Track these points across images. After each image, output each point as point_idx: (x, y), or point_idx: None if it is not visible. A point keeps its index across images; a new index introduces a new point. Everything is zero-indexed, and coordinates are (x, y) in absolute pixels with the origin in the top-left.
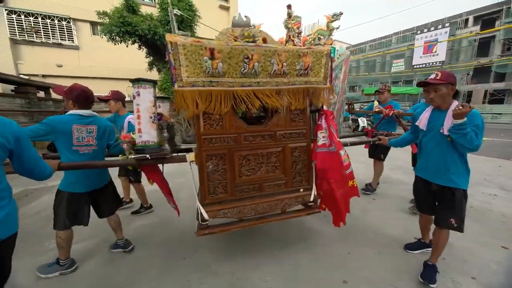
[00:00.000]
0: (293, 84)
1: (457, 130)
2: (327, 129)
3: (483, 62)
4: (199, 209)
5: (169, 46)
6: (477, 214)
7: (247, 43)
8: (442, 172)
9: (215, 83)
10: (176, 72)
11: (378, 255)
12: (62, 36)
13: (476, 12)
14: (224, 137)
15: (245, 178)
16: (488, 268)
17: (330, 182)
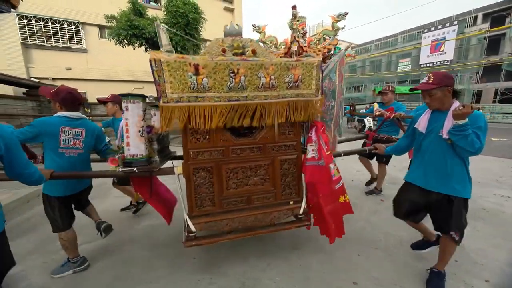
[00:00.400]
0: (283, 97)
1: (458, 132)
2: (316, 142)
3: (493, 60)
4: (187, 221)
5: (152, 64)
6: (489, 215)
7: (233, 58)
8: (443, 180)
9: (201, 98)
10: (161, 89)
11: (388, 256)
12: (71, 40)
13: (485, 10)
14: (211, 150)
15: (232, 191)
16: (501, 271)
17: (318, 196)
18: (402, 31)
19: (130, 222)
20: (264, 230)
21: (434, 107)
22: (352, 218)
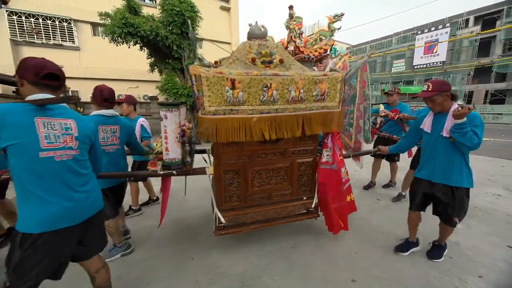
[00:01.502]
0: (310, 109)
1: (457, 130)
2: (331, 148)
3: (483, 62)
4: (217, 214)
5: (193, 78)
6: (482, 214)
7: (266, 73)
8: (447, 173)
9: (235, 111)
10: (199, 102)
11: (386, 254)
12: (63, 37)
13: (476, 12)
14: (241, 155)
15: (256, 189)
16: (494, 267)
17: (327, 196)
18: (397, 33)
19: (130, 223)
20: (280, 221)
21: (436, 110)
22: (350, 217)
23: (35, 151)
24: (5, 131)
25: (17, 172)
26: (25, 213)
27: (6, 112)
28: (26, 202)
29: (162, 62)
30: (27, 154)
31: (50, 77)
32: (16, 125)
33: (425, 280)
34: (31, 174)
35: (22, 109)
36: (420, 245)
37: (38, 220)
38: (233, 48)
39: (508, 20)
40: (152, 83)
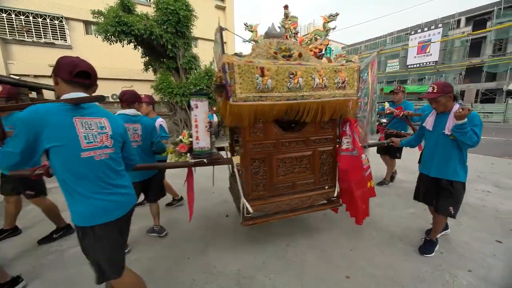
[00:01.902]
0: (333, 96)
1: (459, 129)
2: (351, 135)
3: (474, 62)
4: (245, 204)
5: (226, 66)
6: (472, 210)
7: (290, 62)
8: (445, 168)
9: (264, 98)
10: (231, 89)
11: (380, 252)
12: (54, 36)
13: (468, 13)
14: (266, 143)
15: (281, 178)
16: (483, 262)
17: (350, 182)
18: (391, 33)
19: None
20: (303, 211)
21: (439, 110)
22: (345, 214)
23: (77, 151)
24: (47, 132)
25: (60, 172)
26: (74, 209)
27: (47, 112)
28: (72, 199)
29: (156, 61)
30: (70, 155)
31: (82, 75)
32: (57, 126)
33: (417, 275)
34: (73, 174)
35: (60, 109)
36: (449, 230)
37: (86, 215)
38: (228, 47)
39: (498, 21)
40: (147, 83)
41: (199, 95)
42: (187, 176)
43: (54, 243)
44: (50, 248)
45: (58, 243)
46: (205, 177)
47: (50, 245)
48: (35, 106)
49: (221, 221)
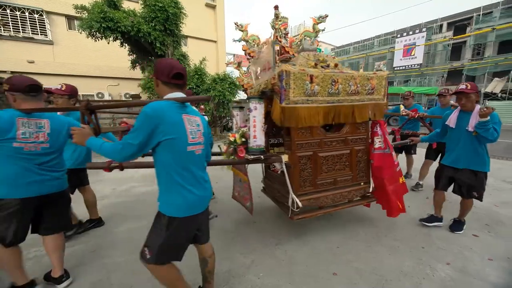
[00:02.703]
0: (362, 101)
1: (482, 126)
2: (382, 135)
3: (455, 65)
4: (295, 199)
5: (283, 74)
6: (452, 206)
7: (334, 71)
8: (471, 160)
9: (310, 101)
10: (285, 93)
11: (367, 247)
12: (34, 30)
13: (449, 19)
14: (311, 142)
15: (324, 175)
16: (461, 254)
17: (383, 178)
18: (378, 35)
19: (108, 226)
20: (345, 206)
21: (466, 107)
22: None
23: (184, 145)
24: (163, 127)
25: (167, 164)
26: (171, 200)
27: (165, 109)
28: (171, 190)
29: (144, 59)
30: (179, 148)
31: (177, 76)
32: (171, 121)
33: (400, 269)
34: (179, 166)
35: (172, 107)
36: (443, 222)
37: (182, 206)
38: (219, 47)
39: (477, 27)
40: (134, 81)
41: (257, 99)
42: (243, 173)
43: (32, 250)
44: (28, 254)
45: (37, 248)
46: None
47: (29, 251)
48: (155, 103)
49: (210, 222)
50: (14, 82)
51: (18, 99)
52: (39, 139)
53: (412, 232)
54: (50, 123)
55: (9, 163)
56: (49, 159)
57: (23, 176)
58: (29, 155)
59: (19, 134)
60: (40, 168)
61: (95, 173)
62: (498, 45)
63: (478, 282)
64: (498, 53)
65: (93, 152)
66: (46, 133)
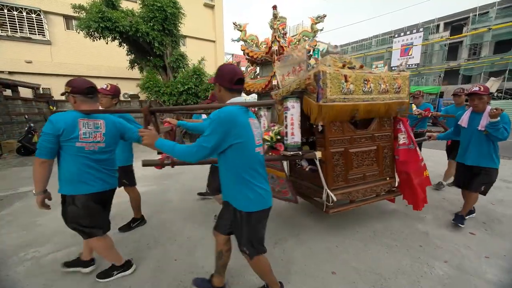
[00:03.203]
0: (391, 99)
1: (493, 126)
2: (405, 132)
3: (452, 65)
4: (329, 194)
5: (321, 74)
6: (449, 205)
7: (364, 71)
8: (480, 157)
9: (346, 99)
10: (323, 92)
11: (364, 246)
12: (32, 30)
13: (446, 19)
14: (343, 139)
15: (355, 170)
16: (458, 252)
17: (409, 172)
18: (376, 35)
19: None
20: (373, 200)
21: (479, 107)
22: None
23: (252, 147)
24: (235, 131)
25: (236, 164)
26: (244, 197)
27: (236, 114)
28: (243, 188)
29: (143, 59)
30: (248, 150)
31: (240, 82)
32: (242, 125)
33: (397, 268)
34: (248, 167)
35: (241, 112)
36: (475, 214)
37: (259, 201)
38: (217, 46)
39: (473, 27)
40: (133, 81)
41: (295, 98)
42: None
43: (30, 251)
44: (26, 255)
45: (35, 249)
46: (190, 178)
47: (27, 252)
48: (227, 108)
49: (208, 221)
50: (74, 85)
51: (78, 100)
52: (96, 138)
53: (410, 231)
54: (105, 123)
55: (73, 161)
56: (106, 158)
57: (85, 173)
58: (89, 154)
59: (81, 134)
60: (99, 165)
61: None
62: (494, 45)
63: (475, 280)
64: (494, 53)
65: None
66: (102, 133)
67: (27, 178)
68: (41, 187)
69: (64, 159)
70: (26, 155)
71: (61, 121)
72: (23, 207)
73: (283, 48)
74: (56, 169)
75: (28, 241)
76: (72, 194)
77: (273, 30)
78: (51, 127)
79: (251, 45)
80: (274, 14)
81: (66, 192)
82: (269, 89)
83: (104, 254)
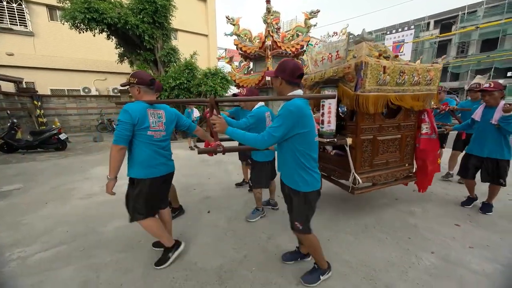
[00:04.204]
0: (421, 91)
1: (505, 120)
2: (429, 122)
3: None
4: (356, 177)
5: (363, 64)
6: (437, 198)
7: (401, 62)
8: (494, 150)
9: (381, 90)
10: (362, 82)
11: (356, 240)
12: (13, 20)
13: (436, 17)
14: (373, 127)
15: (380, 156)
16: (444, 243)
17: (427, 160)
18: (369, 32)
19: (95, 225)
20: (392, 183)
21: (491, 103)
22: (325, 206)
23: (313, 136)
24: (302, 121)
25: (299, 150)
26: (302, 179)
27: (303, 106)
28: (301, 172)
29: (132, 52)
30: (310, 138)
31: (301, 76)
32: (308, 116)
33: (387, 260)
34: (307, 153)
35: (306, 103)
36: (478, 200)
37: (314, 183)
38: (210, 41)
39: (462, 25)
40: (122, 75)
41: (333, 87)
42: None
43: (16, 251)
44: (12, 255)
45: (21, 249)
46: (184, 175)
47: (12, 252)
48: (296, 101)
49: (202, 218)
50: (140, 76)
51: (142, 91)
52: (160, 127)
53: (400, 224)
54: (165, 113)
55: (145, 148)
56: (166, 144)
57: (154, 159)
58: (157, 141)
59: (151, 123)
60: (164, 151)
61: (82, 171)
62: (481, 43)
63: (460, 269)
64: (481, 51)
65: None
66: (163, 122)
67: (11, 176)
68: (115, 173)
69: (137, 146)
70: (9, 153)
71: (136, 110)
72: (8, 206)
73: (276, 43)
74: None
75: (14, 240)
76: (143, 178)
77: (266, 25)
78: (128, 117)
79: (244, 40)
80: (267, 8)
81: (137, 176)
82: (263, 84)
83: (158, 234)
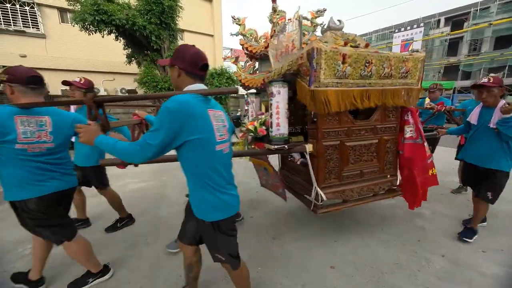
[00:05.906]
0: (394, 85)
1: (504, 123)
2: (414, 124)
3: (452, 61)
4: (318, 192)
5: (314, 52)
6: (446, 199)
7: (369, 51)
8: (489, 158)
9: (340, 84)
10: (316, 75)
11: (362, 242)
12: (25, 23)
13: (447, 14)
14: (338, 131)
15: (351, 166)
16: (454, 246)
17: (413, 169)
18: (376, 30)
19: (96, 226)
20: (370, 199)
21: (487, 102)
22: None
23: (213, 145)
24: (189, 125)
25: (194, 165)
26: (205, 205)
27: (190, 104)
28: (204, 193)
29: (140, 53)
30: (208, 148)
31: (205, 67)
32: (200, 117)
33: (395, 262)
34: (208, 168)
35: (198, 101)
36: (486, 223)
37: (225, 208)
38: (216, 41)
39: (474, 22)
40: (130, 76)
41: (281, 82)
42: (266, 162)
43: (28, 246)
44: (24, 250)
45: (23, 247)
46: None
47: (25, 247)
48: (179, 97)
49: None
50: (12, 72)
51: (17, 91)
52: (42, 138)
53: (407, 226)
54: (51, 120)
55: (18, 165)
56: (58, 157)
57: (36, 175)
58: (35, 156)
59: (20, 134)
60: (51, 166)
61: None
62: (495, 40)
63: (472, 273)
64: (494, 49)
65: None
66: (48, 131)
67: None
68: None
69: (4, 163)
70: None
71: None
72: None
73: None
74: None
75: (26, 237)
76: (24, 199)
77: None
78: None
79: (250, 40)
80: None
81: (16, 198)
82: None
83: (81, 260)
